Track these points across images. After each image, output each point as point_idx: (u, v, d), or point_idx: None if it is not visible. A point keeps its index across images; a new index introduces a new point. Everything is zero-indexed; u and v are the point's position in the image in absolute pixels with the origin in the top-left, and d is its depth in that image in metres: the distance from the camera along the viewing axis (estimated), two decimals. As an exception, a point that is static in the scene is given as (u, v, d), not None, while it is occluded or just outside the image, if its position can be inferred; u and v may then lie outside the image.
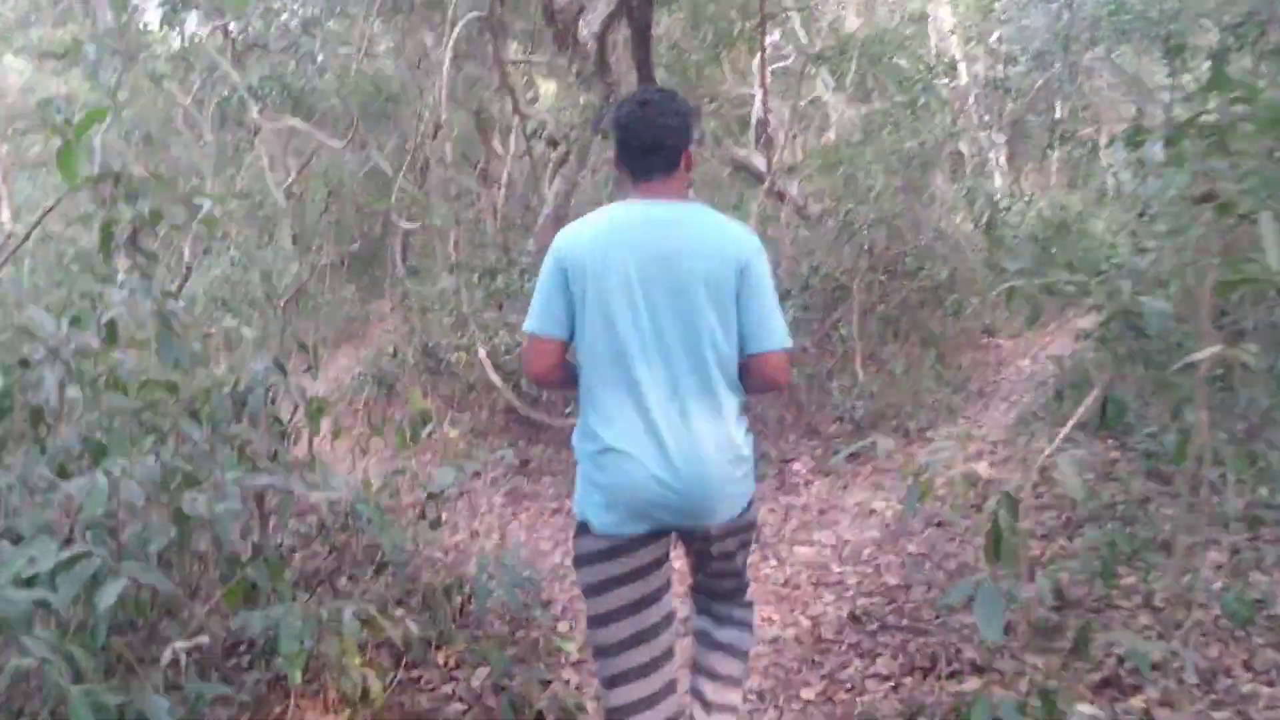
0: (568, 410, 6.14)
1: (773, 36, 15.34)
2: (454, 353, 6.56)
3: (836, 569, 4.10)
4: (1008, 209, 15.28)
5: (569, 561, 3.07)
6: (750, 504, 2.36)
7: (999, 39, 15.62)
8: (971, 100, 16.02)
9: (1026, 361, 9.29)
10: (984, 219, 14.22)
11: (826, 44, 14.65)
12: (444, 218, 7.24)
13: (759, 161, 13.40)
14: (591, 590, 2.29)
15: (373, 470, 3.93)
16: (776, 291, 2.28)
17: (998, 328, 10.39)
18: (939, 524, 4.41)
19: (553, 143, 7.62)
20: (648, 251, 2.15)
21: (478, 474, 5.95)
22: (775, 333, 2.21)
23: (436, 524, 3.54)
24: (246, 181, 14.83)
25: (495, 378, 6.11)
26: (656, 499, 2.15)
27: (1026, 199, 16.72)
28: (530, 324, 2.25)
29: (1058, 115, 16.28)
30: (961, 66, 15.49)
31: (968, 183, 15.22)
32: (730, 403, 2.22)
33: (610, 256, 2.14)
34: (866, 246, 8.10)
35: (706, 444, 2.16)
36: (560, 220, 7.53)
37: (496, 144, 10.73)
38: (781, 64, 15.97)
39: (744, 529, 2.35)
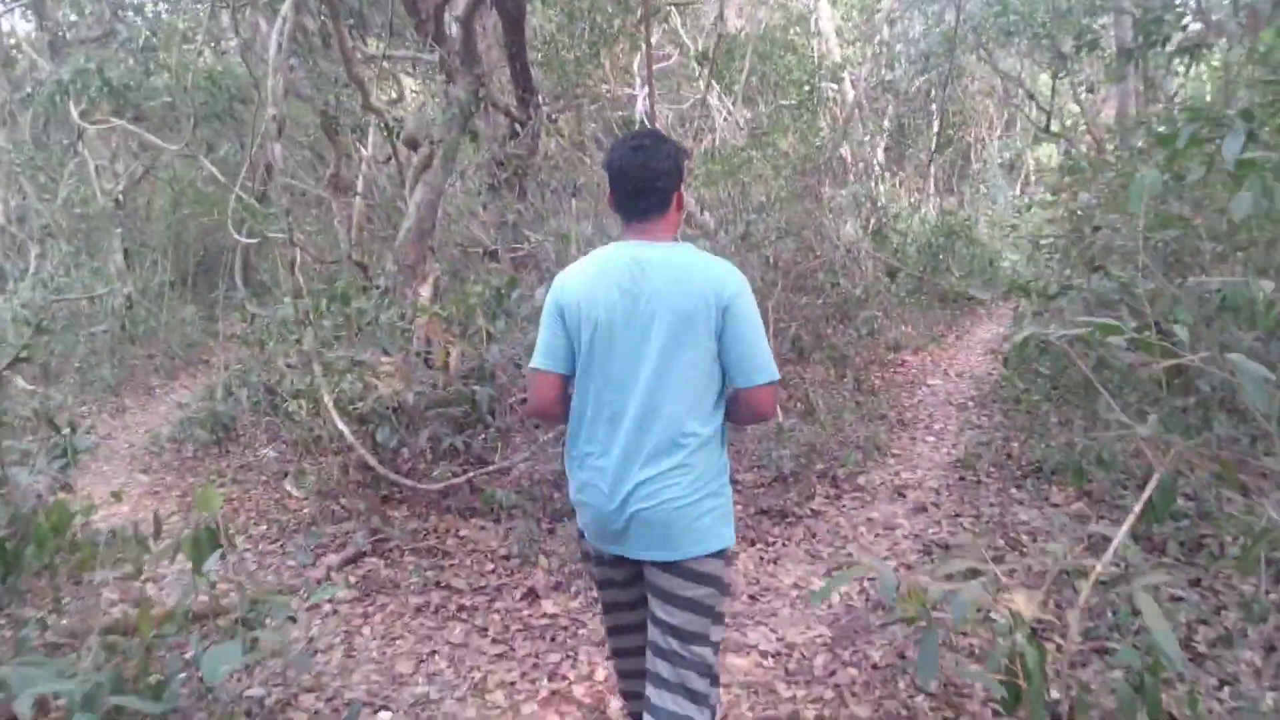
0: (435, 472, 5.08)
1: (654, 36, 14.42)
2: (292, 399, 5.40)
3: (785, 691, 3.17)
4: (895, 216, 14.89)
5: (433, 693, 3.33)
6: (719, 554, 2.30)
7: (883, 41, 15.18)
8: (851, 102, 15.52)
9: (938, 380, 8.66)
10: (872, 226, 13.78)
11: (709, 43, 13.89)
12: (283, 231, 6.02)
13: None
14: (596, 586, 2.58)
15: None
16: None
17: (903, 343, 9.79)
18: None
19: (413, 144, 6.52)
20: (630, 290, 2.24)
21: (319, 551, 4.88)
22: (761, 368, 2.24)
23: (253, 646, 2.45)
24: (71, 188, 13.13)
25: (345, 429, 5.00)
26: (605, 521, 2.29)
27: (913, 205, 16.43)
28: (534, 360, 2.38)
29: (938, 119, 15.97)
30: (846, 70, 14.99)
31: (853, 188, 14.65)
32: (697, 441, 2.23)
33: (596, 295, 2.26)
34: (773, 260, 7.27)
35: (660, 478, 2.21)
36: (424, 234, 6.42)
37: (362, 148, 9.54)
38: (663, 64, 15.11)
39: (698, 578, 2.27)
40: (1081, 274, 6.86)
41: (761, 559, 4.31)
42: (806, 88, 13.83)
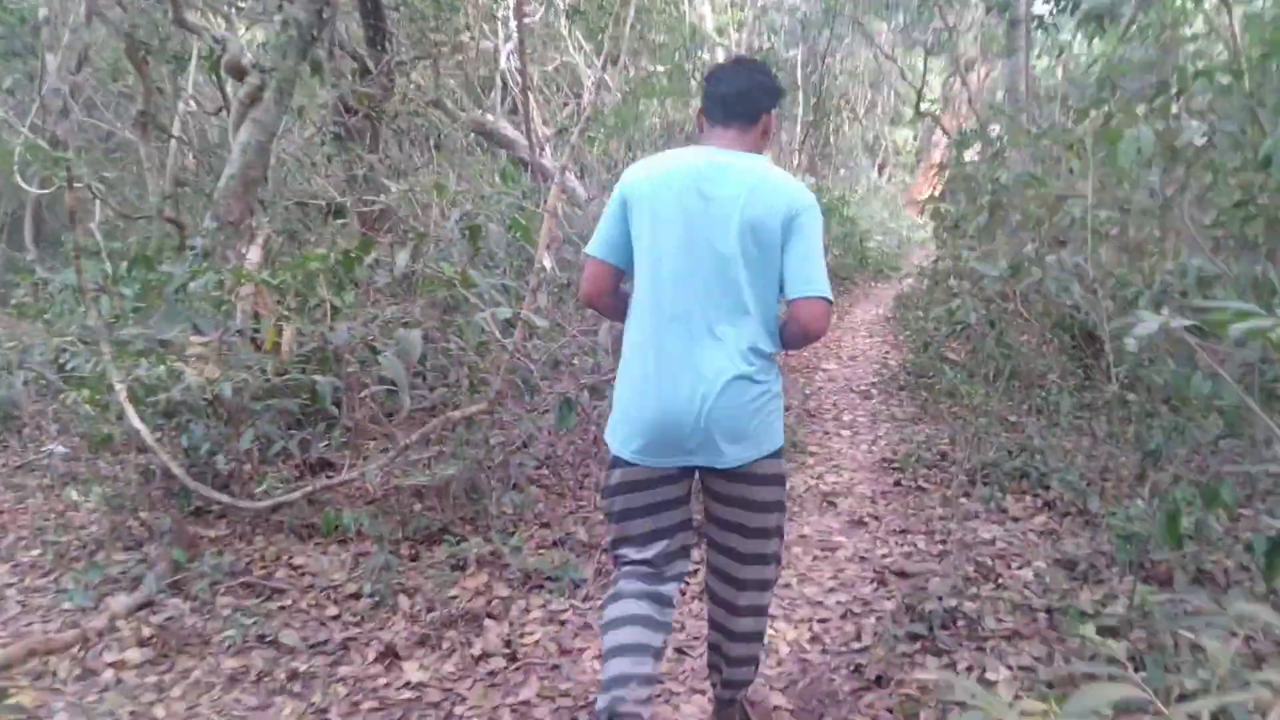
0: (263, 483, 4.00)
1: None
2: (74, 388, 4.19)
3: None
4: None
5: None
6: (776, 454, 2.30)
7: (761, 7, 14.52)
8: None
9: (832, 364, 8.05)
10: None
11: (582, -2, 12.92)
12: (75, 180, 4.74)
13: (507, 129, 11.51)
14: (611, 513, 2.42)
15: None
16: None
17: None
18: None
19: (237, 72, 5.32)
20: (699, 191, 2.21)
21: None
22: (816, 281, 2.20)
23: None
24: None
25: (142, 429, 3.87)
26: (668, 428, 2.21)
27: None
28: (589, 247, 2.36)
29: (813, 94, 15.49)
30: (721, 37, 14.26)
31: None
32: (754, 345, 2.21)
33: (667, 193, 2.24)
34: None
35: (717, 379, 2.18)
36: (251, 183, 5.25)
37: (184, 83, 8.11)
38: (528, 20, 13.96)
39: (762, 479, 2.27)
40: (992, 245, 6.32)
41: (681, 592, 3.46)
42: (677, 55, 13.03)
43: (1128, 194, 4.86)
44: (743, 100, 2.31)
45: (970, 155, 9.85)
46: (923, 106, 16.02)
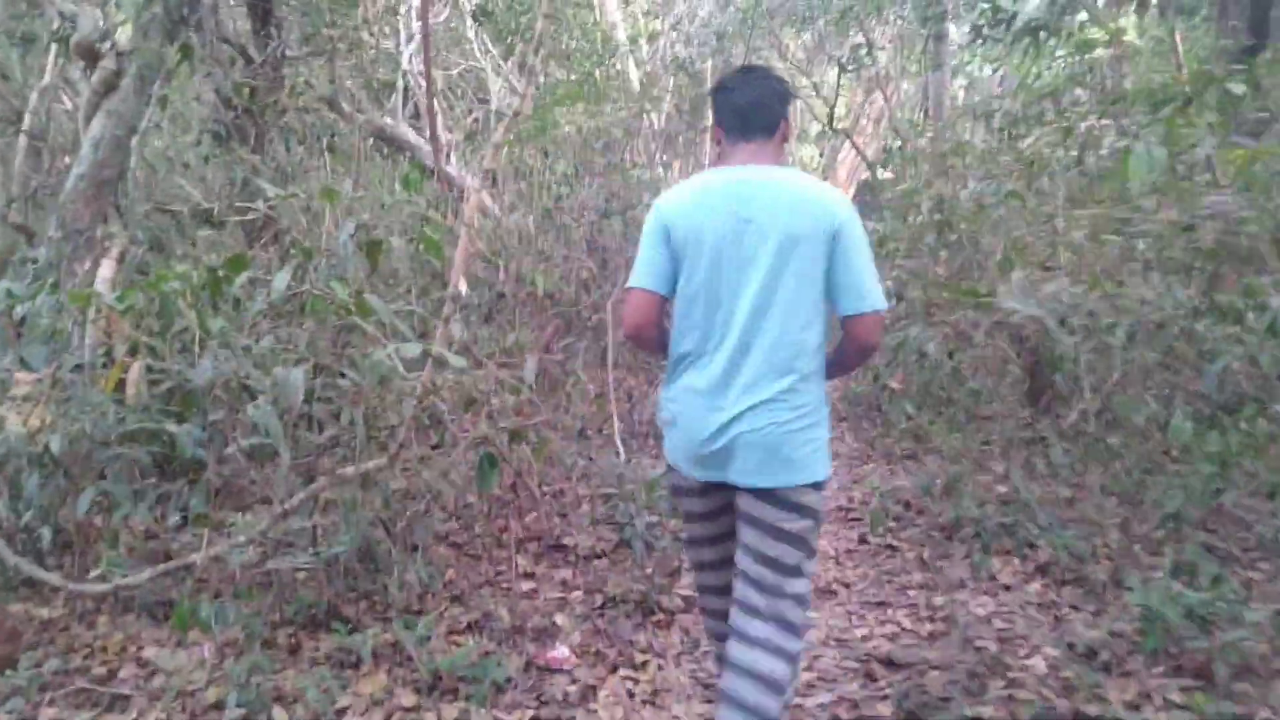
0: (93, 573, 3.21)
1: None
2: None
3: None
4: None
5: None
6: (817, 485, 2.26)
7: (680, 17, 14.04)
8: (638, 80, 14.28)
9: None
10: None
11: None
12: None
13: (409, 134, 10.75)
14: (681, 519, 2.62)
15: None
16: None
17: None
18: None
19: (89, 54, 4.51)
20: (738, 212, 2.20)
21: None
22: (870, 294, 2.21)
23: None
24: None
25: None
26: (704, 444, 2.24)
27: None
28: (633, 280, 2.33)
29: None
30: (635, 46, 13.74)
31: (638, 173, 13.48)
32: (802, 366, 2.21)
33: (704, 216, 2.23)
34: (590, 241, 5.83)
35: (762, 402, 2.18)
36: (104, 185, 4.45)
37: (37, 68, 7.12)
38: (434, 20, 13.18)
39: (800, 509, 2.23)
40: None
41: (630, 694, 2.84)
42: (590, 63, 12.46)
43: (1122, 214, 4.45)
44: (761, 110, 2.30)
45: (883, 173, 9.51)
46: (826, 121, 15.85)
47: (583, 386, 4.70)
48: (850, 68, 14.05)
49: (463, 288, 3.30)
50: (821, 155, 28.59)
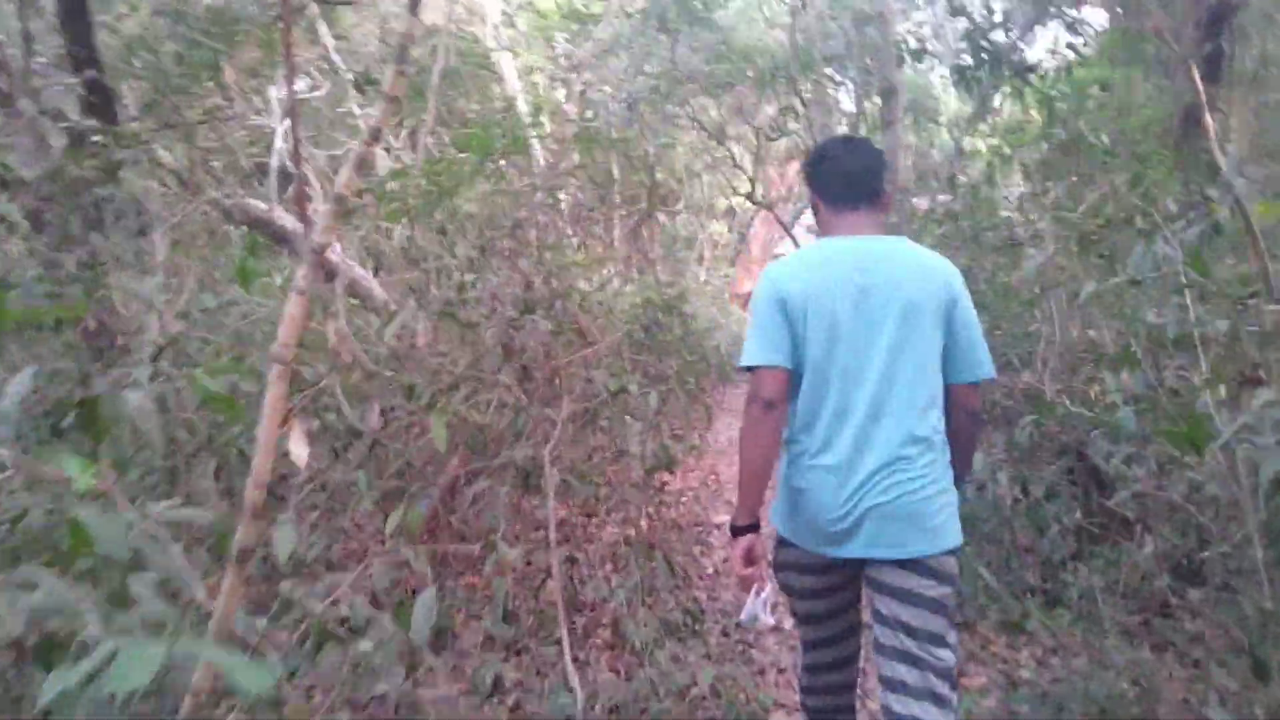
0: None
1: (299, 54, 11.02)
2: None
3: None
4: (599, 287, 12.56)
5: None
6: (954, 551, 2.25)
7: (585, 85, 12.91)
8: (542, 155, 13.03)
9: (725, 515, 6.17)
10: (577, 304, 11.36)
11: (373, 65, 10.90)
12: None
13: (284, 219, 9.26)
14: (788, 591, 2.44)
15: None
16: None
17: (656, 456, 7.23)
18: None
19: None
20: (859, 282, 2.22)
21: None
22: (987, 361, 2.28)
23: None
24: None
25: None
26: (834, 520, 2.21)
27: (612, 278, 14.23)
28: (758, 357, 2.29)
29: (648, 177, 13.96)
30: (541, 119, 12.51)
31: (545, 252, 12.10)
32: (933, 434, 2.22)
33: (824, 286, 2.23)
34: (504, 345, 4.36)
35: (893, 473, 2.17)
36: None
37: None
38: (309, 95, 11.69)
39: (940, 575, 2.21)
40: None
41: None
42: (500, 132, 11.15)
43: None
44: (868, 179, 2.35)
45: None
46: (747, 193, 14.86)
47: (506, 559, 3.22)
48: (773, 135, 13.07)
49: (300, 452, 1.84)
50: (730, 230, 27.90)
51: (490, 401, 3.90)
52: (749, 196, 13.32)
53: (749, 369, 2.30)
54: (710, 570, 4.84)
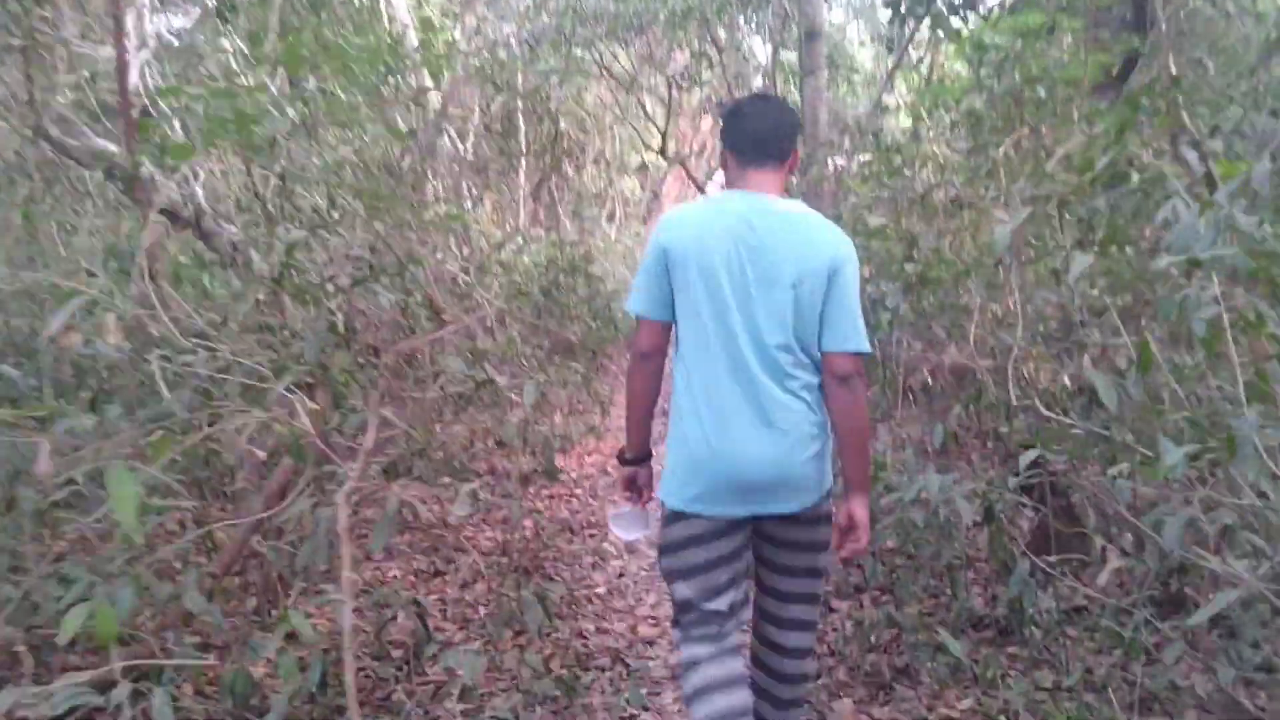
0: None
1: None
2: None
3: None
4: (498, 246, 11.61)
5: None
6: (827, 495, 2.37)
7: (480, 21, 11.80)
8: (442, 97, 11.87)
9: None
10: (474, 261, 10.51)
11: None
12: None
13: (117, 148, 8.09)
14: (668, 550, 2.39)
15: None
16: None
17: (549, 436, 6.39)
18: None
19: None
20: (747, 241, 2.23)
21: None
22: (855, 335, 2.25)
23: None
24: None
25: None
26: (719, 474, 2.25)
27: (515, 234, 13.27)
28: (638, 308, 2.34)
29: (551, 127, 13.00)
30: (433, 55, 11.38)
31: (444, 209, 11.20)
32: (803, 394, 2.26)
33: (710, 243, 2.23)
34: (346, 323, 3.48)
35: (769, 431, 2.22)
36: None
37: None
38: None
39: (811, 522, 2.35)
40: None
41: None
42: (370, 71, 10.03)
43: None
44: (776, 138, 2.33)
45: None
46: (659, 148, 14.04)
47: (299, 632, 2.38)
48: (685, 84, 12.21)
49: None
50: (643, 188, 27.02)
51: (316, 397, 3.03)
52: (661, 151, 12.46)
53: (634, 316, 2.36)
54: (602, 588, 4.09)
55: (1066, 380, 3.63)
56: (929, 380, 5.99)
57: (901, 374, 5.51)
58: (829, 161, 7.29)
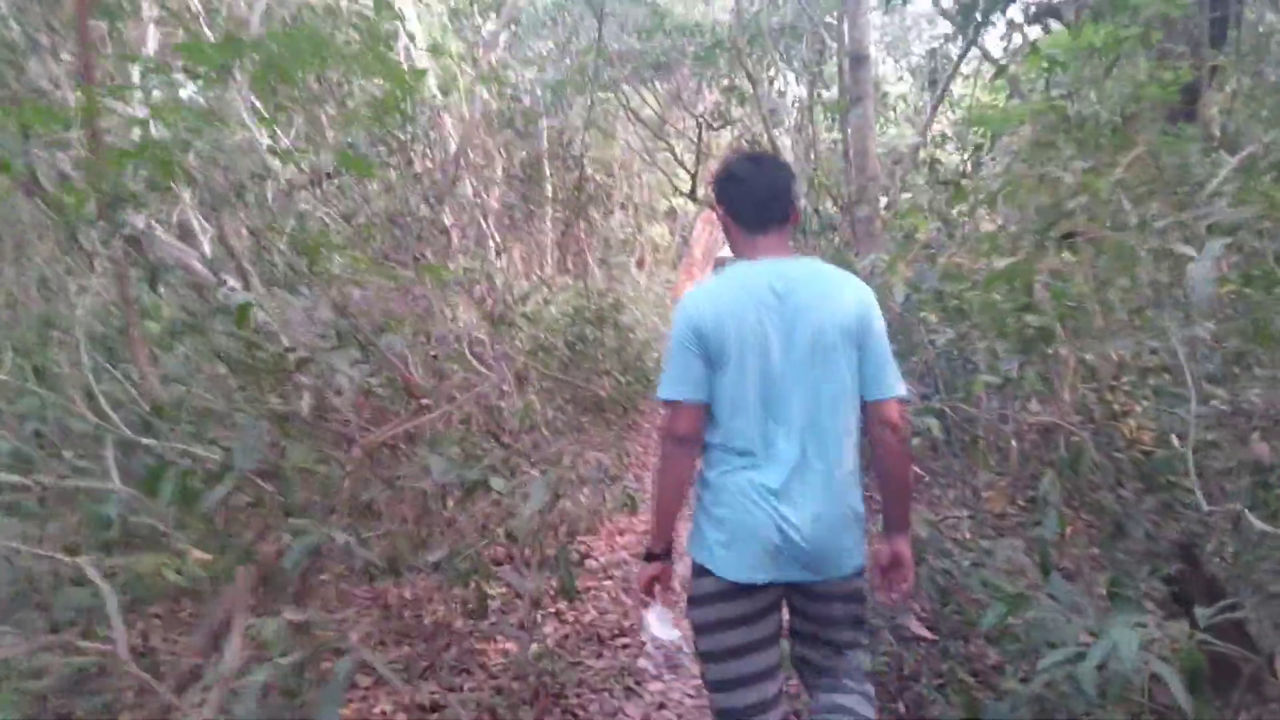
0: None
1: None
2: None
3: None
4: (522, 298, 10.98)
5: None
6: (860, 572, 2.32)
7: (498, 66, 11.27)
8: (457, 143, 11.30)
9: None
10: (495, 312, 9.92)
11: None
12: None
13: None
14: (704, 629, 2.31)
15: None
16: None
17: (577, 516, 5.64)
18: None
19: None
20: (775, 307, 2.20)
21: None
22: (898, 380, 2.25)
23: None
24: None
25: None
26: (766, 545, 2.19)
27: (540, 284, 12.64)
28: (674, 393, 2.26)
29: (576, 172, 12.40)
30: (450, 94, 10.85)
31: (464, 261, 10.70)
32: (849, 458, 2.24)
33: (739, 314, 2.21)
34: (311, 404, 2.81)
35: (823, 495, 2.19)
36: None
37: None
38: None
39: (852, 595, 2.31)
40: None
41: None
42: (396, 110, 9.47)
43: None
44: (776, 200, 2.32)
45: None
46: (689, 191, 13.38)
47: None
48: (715, 124, 11.58)
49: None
50: (671, 234, 26.42)
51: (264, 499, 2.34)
52: (691, 195, 11.82)
53: (666, 402, 2.28)
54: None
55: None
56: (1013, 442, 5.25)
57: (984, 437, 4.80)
58: (879, 198, 6.59)
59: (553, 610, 4.26)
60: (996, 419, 4.81)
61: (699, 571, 2.30)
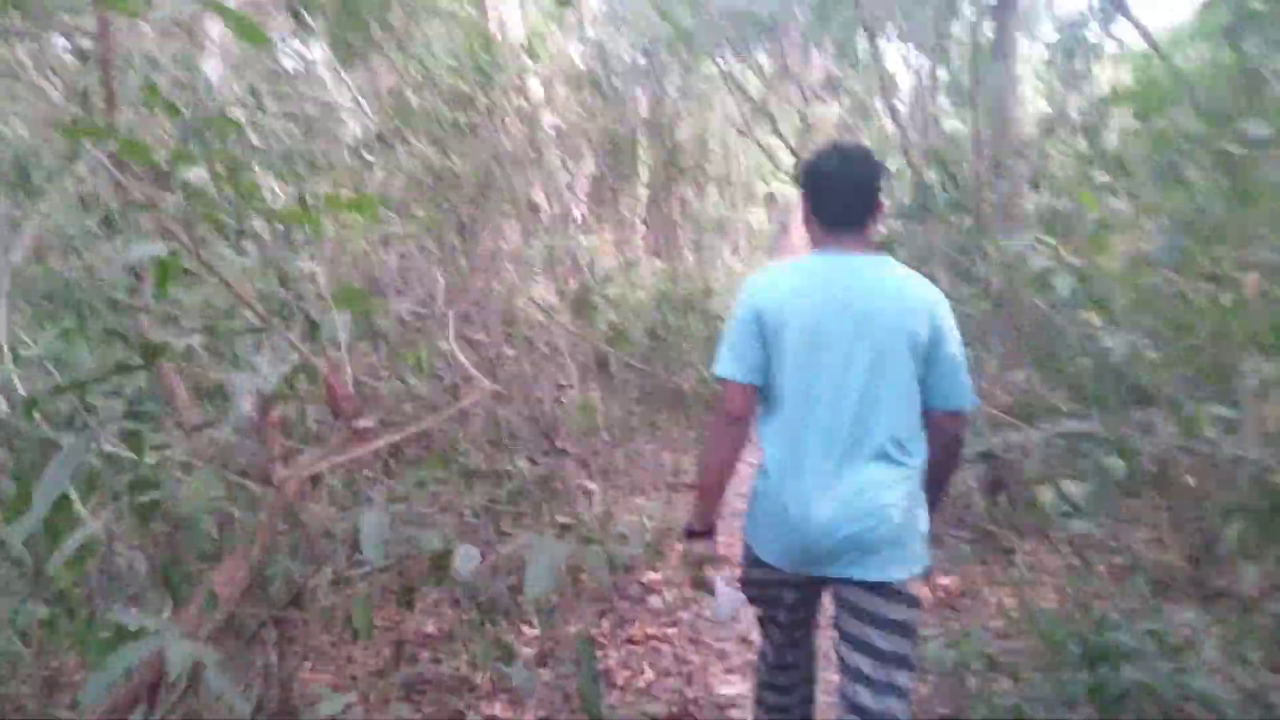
0: None
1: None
2: None
3: None
4: (605, 279, 10.18)
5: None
6: (922, 575, 2.25)
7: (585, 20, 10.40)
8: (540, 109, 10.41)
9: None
10: (573, 293, 9.22)
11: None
12: None
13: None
14: (753, 600, 2.43)
15: None
16: None
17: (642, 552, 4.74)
18: None
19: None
20: (841, 300, 2.17)
21: None
22: (968, 390, 2.22)
23: None
24: None
25: None
26: (811, 540, 2.17)
27: (627, 265, 11.82)
28: (729, 371, 2.24)
29: (666, 145, 11.51)
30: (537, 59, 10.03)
31: (546, 240, 10.01)
32: (908, 459, 2.19)
33: (802, 303, 2.18)
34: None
35: (870, 493, 2.14)
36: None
37: None
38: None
39: (899, 600, 2.19)
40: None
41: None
42: (478, 75, 8.68)
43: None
44: (860, 199, 2.24)
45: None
46: (790, 172, 12.35)
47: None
48: (824, 97, 10.54)
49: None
50: (770, 220, 25.23)
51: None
52: (792, 178, 10.80)
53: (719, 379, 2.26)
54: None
55: None
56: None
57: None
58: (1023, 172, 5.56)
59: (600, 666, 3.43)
60: (1175, 450, 3.85)
61: (750, 557, 2.35)
